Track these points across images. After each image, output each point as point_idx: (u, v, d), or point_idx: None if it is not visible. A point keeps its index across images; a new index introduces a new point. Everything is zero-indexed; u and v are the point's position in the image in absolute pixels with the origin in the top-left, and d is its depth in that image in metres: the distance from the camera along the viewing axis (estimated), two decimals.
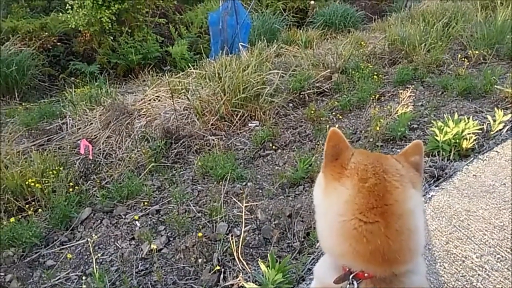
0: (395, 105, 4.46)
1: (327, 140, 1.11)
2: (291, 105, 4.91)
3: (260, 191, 3.28)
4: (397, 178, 1.04)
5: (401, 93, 4.57)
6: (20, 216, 3.19)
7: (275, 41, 7.35)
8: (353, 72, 5.40)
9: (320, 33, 8.41)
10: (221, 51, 6.44)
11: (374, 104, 4.65)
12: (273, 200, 3.09)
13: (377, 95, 4.86)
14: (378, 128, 3.88)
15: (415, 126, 4.17)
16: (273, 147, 3.96)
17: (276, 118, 4.60)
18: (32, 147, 4.75)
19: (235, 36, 6.99)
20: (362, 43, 6.72)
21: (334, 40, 7.81)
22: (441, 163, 3.40)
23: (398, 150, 3.76)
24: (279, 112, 4.74)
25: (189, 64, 6.99)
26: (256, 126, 4.51)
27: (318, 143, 3.84)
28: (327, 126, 4.15)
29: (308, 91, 5.11)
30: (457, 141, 3.50)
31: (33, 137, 5.10)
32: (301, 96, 5.07)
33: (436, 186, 3.07)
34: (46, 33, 8.14)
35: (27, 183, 3.41)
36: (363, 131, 4.12)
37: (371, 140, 3.88)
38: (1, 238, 2.86)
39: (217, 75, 4.92)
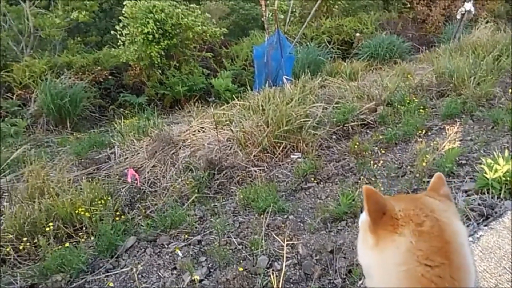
0: (442, 140, 4.30)
1: (367, 200, 1.12)
2: (334, 137, 4.86)
3: (302, 224, 3.22)
4: (445, 215, 1.05)
5: (449, 127, 4.41)
6: (68, 243, 3.31)
7: (319, 73, 7.40)
8: (399, 105, 5.30)
9: (365, 65, 8.38)
10: (265, 84, 6.55)
11: (421, 138, 4.51)
12: (314, 234, 3.02)
13: (424, 129, 4.71)
14: (424, 163, 3.74)
15: (464, 161, 3.99)
16: (315, 180, 3.91)
17: (318, 151, 4.56)
18: (82, 175, 4.95)
19: (279, 69, 7.11)
20: (409, 75, 6.61)
21: (380, 71, 7.75)
22: (490, 201, 3.21)
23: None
24: (322, 144, 4.70)
25: (233, 95, 7.15)
26: (299, 158, 4.49)
27: (361, 177, 3.75)
28: (371, 160, 4.06)
29: (352, 123, 5.05)
30: (508, 179, 3.30)
31: (83, 166, 5.32)
32: (344, 128, 5.01)
33: (485, 226, 2.89)
34: (99, 67, 8.66)
35: (77, 211, 3.54)
36: (408, 166, 3.99)
37: (417, 175, 3.74)
38: (51, 263, 2.97)
39: (260, 107, 4.99)
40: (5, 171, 5.00)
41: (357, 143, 4.32)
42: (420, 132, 4.62)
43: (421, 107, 5.20)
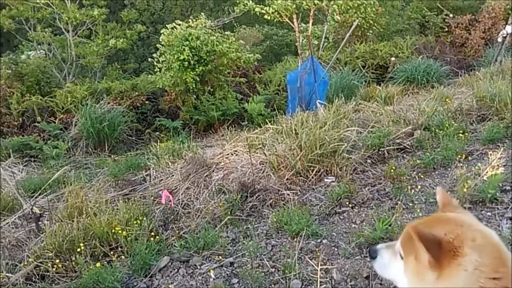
0: (484, 165, 4.12)
1: (420, 239, 1.14)
2: (369, 161, 4.77)
3: (336, 249, 3.14)
4: (479, 224, 1.11)
5: (491, 152, 4.23)
6: (104, 261, 3.37)
7: (353, 97, 7.36)
8: (437, 129, 5.16)
9: (401, 89, 8.27)
10: (298, 108, 6.58)
11: (461, 163, 4.35)
12: (349, 259, 2.94)
13: (464, 154, 4.55)
14: (465, 189, 3.59)
15: (508, 187, 3.80)
16: (350, 204, 3.82)
17: (353, 175, 4.47)
18: (119, 196, 5.07)
19: (312, 93, 7.14)
20: (447, 99, 6.45)
21: (416, 95, 7.62)
22: None
23: (489, 213, 3.45)
24: (356, 168, 4.62)
25: (266, 120, 7.22)
26: (332, 182, 4.42)
27: (398, 202, 3.64)
28: (409, 185, 3.94)
29: (387, 148, 4.95)
30: None
31: (119, 187, 5.47)
32: (380, 152, 4.92)
33: None
34: (136, 93, 9.01)
35: (113, 231, 3.61)
36: (448, 192, 3.83)
37: (457, 201, 3.58)
38: (87, 280, 3.03)
39: (293, 131, 4.99)
40: (46, 191, 5.20)
41: (394, 168, 4.21)
42: (460, 157, 4.46)
43: (461, 131, 5.04)
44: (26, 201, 4.74)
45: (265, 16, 6.52)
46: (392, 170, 4.18)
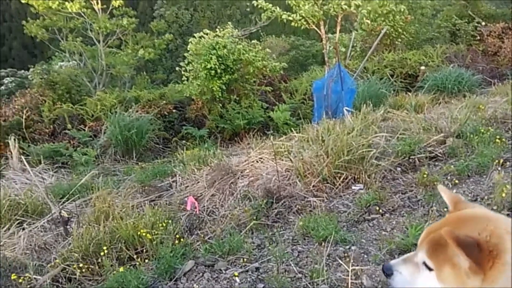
0: None
1: (459, 246, 1.05)
2: (399, 169, 4.62)
3: (365, 256, 3.02)
4: (501, 215, 1.14)
5: None
6: (129, 265, 3.36)
7: (381, 105, 7.21)
8: (471, 136, 4.96)
9: (431, 98, 8.05)
10: (324, 116, 6.48)
11: (498, 170, 4.14)
12: (380, 266, 2.81)
13: (501, 160, 4.34)
14: (503, 195, 3.41)
15: None
16: (380, 211, 3.69)
17: (382, 182, 4.34)
18: (145, 202, 5.10)
19: (339, 102, 7.03)
20: (481, 106, 6.23)
21: (447, 104, 7.40)
22: None
23: None
24: (385, 176, 4.48)
25: (292, 128, 7.15)
26: (360, 189, 4.30)
27: (431, 209, 3.49)
28: None
29: (418, 155, 4.79)
30: None
31: (146, 193, 5.50)
32: (410, 160, 4.76)
33: None
34: (164, 101, 9.13)
35: (138, 233, 3.61)
36: (485, 198, 3.66)
37: (495, 208, 3.41)
38: (112, 283, 3.02)
39: (320, 137, 4.91)
40: (74, 196, 5.29)
41: (426, 174, 4.06)
42: (496, 163, 4.26)
43: (497, 137, 4.83)
44: (55, 205, 4.82)
45: (292, 23, 6.48)
46: (424, 176, 4.03)
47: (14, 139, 7.29)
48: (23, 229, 4.50)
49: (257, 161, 5.69)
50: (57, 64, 11.33)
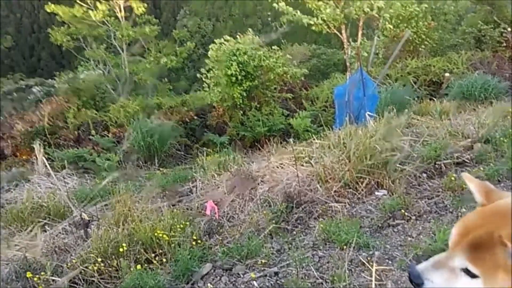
0: None
1: None
2: (424, 175, 4.46)
3: (390, 261, 2.88)
4: None
5: None
6: (146, 266, 3.32)
7: (405, 111, 7.05)
8: (502, 140, 4.76)
9: (457, 105, 7.83)
10: (346, 122, 6.36)
11: None
12: (406, 272, 2.67)
13: None
14: None
15: None
16: (405, 216, 3.55)
17: (407, 188, 4.19)
18: (165, 206, 5.09)
19: (361, 108, 6.90)
20: (509, 111, 6.01)
21: (473, 112, 7.17)
22: None
23: None
24: (410, 182, 4.33)
25: (312, 135, 7.06)
26: (384, 195, 4.16)
27: (460, 214, 3.33)
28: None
29: (445, 161, 4.62)
30: None
31: (166, 197, 5.50)
32: (436, 165, 4.59)
33: None
34: (186, 108, 9.21)
35: (156, 235, 3.58)
36: None
37: None
38: (129, 284, 2.98)
39: (342, 141, 4.80)
40: (96, 200, 5.32)
41: (453, 177, 3.89)
42: None
43: None
44: (76, 208, 4.86)
45: (313, 27, 6.41)
46: (452, 180, 3.86)
47: (40, 145, 7.44)
48: (45, 231, 4.55)
49: (278, 167, 5.62)
50: (83, 73, 11.60)
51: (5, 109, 10.91)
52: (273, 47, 8.95)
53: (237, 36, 8.92)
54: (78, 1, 11.79)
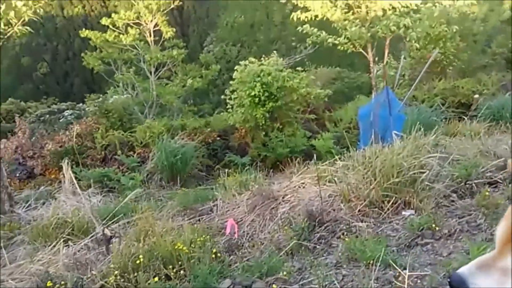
0: None
1: None
2: (454, 194, 4.26)
3: (419, 280, 2.71)
4: None
5: None
6: (165, 281, 3.26)
7: (433, 131, 6.85)
8: None
9: (487, 126, 7.57)
10: (371, 141, 6.22)
11: None
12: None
13: None
14: None
15: None
16: (434, 235, 3.37)
17: (436, 207, 4.00)
18: (186, 223, 5.06)
19: (387, 128, 6.75)
20: None
21: (504, 133, 6.91)
22: None
23: None
24: (439, 201, 4.14)
25: (336, 157, 6.94)
26: (412, 215, 3.98)
27: (494, 233, 3.13)
28: None
29: (476, 181, 4.41)
30: None
31: (187, 216, 5.49)
32: (467, 185, 4.39)
33: None
34: (209, 129, 9.26)
35: (176, 250, 3.53)
36: None
37: None
38: None
39: (367, 160, 4.67)
40: (118, 217, 5.35)
41: (487, 193, 3.69)
42: None
43: None
44: (99, 223, 4.88)
45: (338, 47, 6.38)
46: (485, 197, 3.66)
47: (68, 163, 7.61)
48: (68, 246, 4.58)
49: (299, 187, 5.52)
50: (112, 97, 11.94)
51: (37, 130, 11.29)
52: (297, 69, 8.98)
53: (262, 59, 9.01)
54: (110, 26, 12.32)
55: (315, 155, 8.45)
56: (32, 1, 6.09)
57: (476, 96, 9.42)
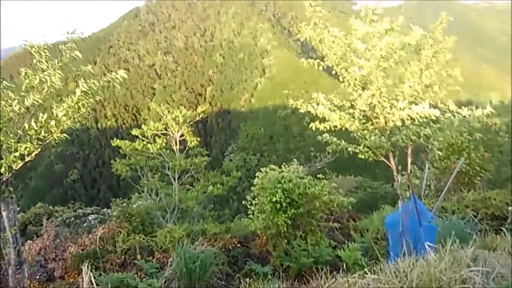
0: None
1: None
2: None
3: None
4: None
5: None
6: None
7: (469, 244, 6.44)
8: None
9: None
10: (403, 252, 5.85)
11: None
12: None
13: None
14: None
15: None
16: None
17: None
18: None
19: (417, 239, 6.40)
20: None
21: None
22: None
23: None
24: None
25: (364, 270, 6.51)
26: None
27: None
28: None
29: None
30: None
31: None
32: None
33: None
34: (229, 235, 9.02)
35: None
36: None
37: None
38: None
39: (401, 272, 4.33)
40: None
41: None
42: None
43: None
44: None
45: (359, 155, 6.40)
46: None
47: (88, 267, 7.39)
48: None
49: None
50: (136, 203, 12.08)
51: (61, 233, 11.32)
52: (317, 176, 8.98)
53: (282, 166, 9.11)
54: (140, 136, 13.11)
55: (343, 266, 8.00)
56: (72, 111, 6.38)
57: (510, 208, 9.03)
